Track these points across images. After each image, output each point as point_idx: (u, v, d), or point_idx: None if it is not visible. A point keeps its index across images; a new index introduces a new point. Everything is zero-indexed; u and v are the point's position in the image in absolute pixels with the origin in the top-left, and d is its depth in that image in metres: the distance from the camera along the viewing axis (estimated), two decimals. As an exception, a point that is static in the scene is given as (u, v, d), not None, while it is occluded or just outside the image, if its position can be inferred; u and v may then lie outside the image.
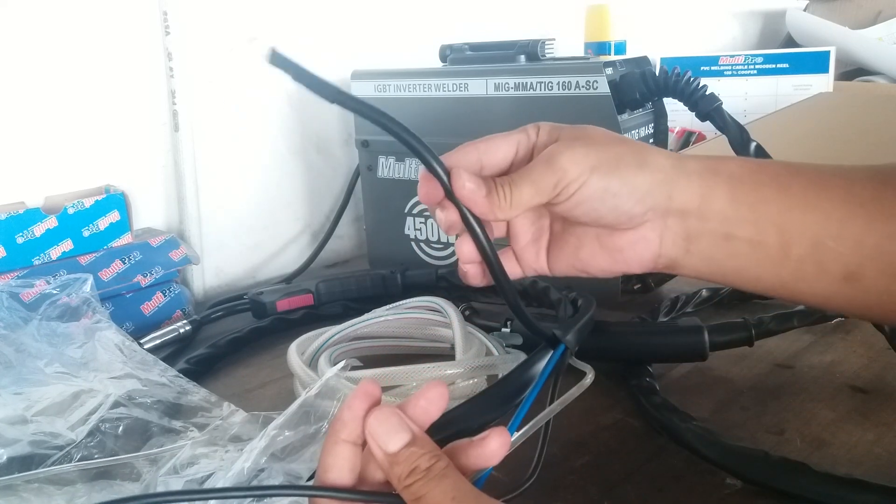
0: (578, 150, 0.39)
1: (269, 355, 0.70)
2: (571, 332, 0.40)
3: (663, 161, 0.40)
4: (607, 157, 0.39)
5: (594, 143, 0.40)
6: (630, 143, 0.41)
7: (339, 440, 0.33)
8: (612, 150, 0.39)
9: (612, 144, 0.40)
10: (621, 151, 0.40)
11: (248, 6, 0.89)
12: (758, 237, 0.39)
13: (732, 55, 1.30)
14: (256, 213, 0.95)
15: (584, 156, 0.39)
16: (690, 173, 0.39)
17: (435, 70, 0.82)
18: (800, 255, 0.38)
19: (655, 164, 0.40)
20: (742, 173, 0.39)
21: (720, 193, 0.39)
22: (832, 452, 0.49)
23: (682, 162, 0.40)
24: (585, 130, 0.41)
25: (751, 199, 0.38)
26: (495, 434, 0.33)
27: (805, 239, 0.38)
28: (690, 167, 0.40)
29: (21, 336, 0.58)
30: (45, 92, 0.76)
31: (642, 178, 0.39)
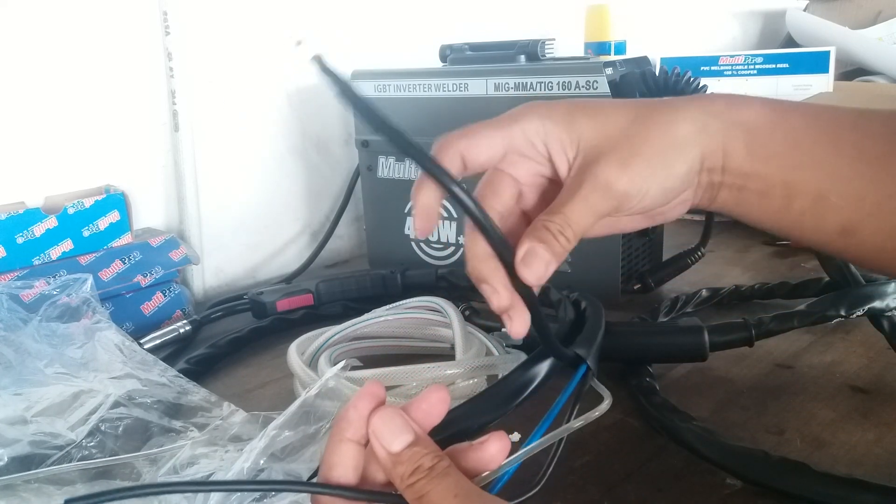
0: (633, 167, 0.37)
1: (269, 355, 0.70)
2: (593, 352, 0.39)
3: (691, 130, 0.39)
4: (654, 157, 0.38)
5: (633, 143, 0.38)
6: (656, 121, 0.39)
7: (343, 439, 0.33)
8: (651, 146, 0.38)
9: (646, 136, 0.38)
10: (657, 141, 0.38)
11: (248, 6, 0.89)
12: (765, 189, 0.39)
13: (732, 55, 1.30)
14: (256, 213, 0.95)
15: (639, 171, 0.37)
16: (714, 132, 0.39)
17: (435, 70, 0.82)
18: (801, 208, 0.39)
19: (688, 139, 0.38)
20: (760, 124, 0.39)
21: (738, 147, 0.39)
22: (832, 452, 0.49)
23: (707, 122, 0.39)
24: (606, 121, 0.38)
25: (763, 153, 0.39)
26: (495, 438, 0.33)
27: (808, 195, 0.38)
28: (714, 127, 0.39)
29: (21, 337, 0.58)
30: (45, 92, 0.76)
31: (683, 162, 0.38)
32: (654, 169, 0.37)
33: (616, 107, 0.39)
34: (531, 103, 0.40)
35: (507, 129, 0.39)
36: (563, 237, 0.36)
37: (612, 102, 0.40)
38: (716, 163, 0.39)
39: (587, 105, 0.39)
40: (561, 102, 0.40)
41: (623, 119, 0.38)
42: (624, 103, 0.40)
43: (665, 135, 0.38)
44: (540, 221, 0.36)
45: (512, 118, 0.39)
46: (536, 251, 0.35)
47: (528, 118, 0.39)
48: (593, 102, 0.40)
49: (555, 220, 0.36)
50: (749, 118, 0.39)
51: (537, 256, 0.35)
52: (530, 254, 0.35)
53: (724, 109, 0.39)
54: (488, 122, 0.39)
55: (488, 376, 0.57)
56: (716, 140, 0.38)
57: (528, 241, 0.35)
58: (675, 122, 0.38)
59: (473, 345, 0.59)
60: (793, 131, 0.38)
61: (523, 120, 0.39)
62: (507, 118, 0.39)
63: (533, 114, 0.39)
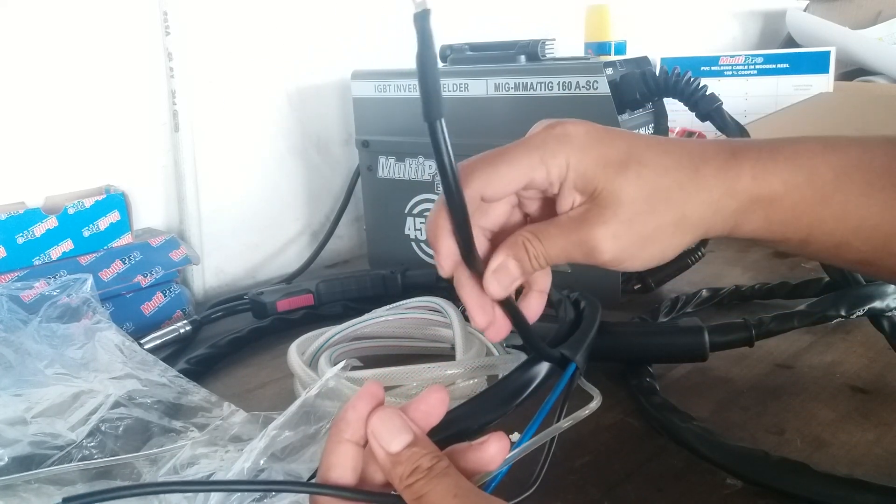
0: (625, 243, 0.36)
1: (269, 355, 0.70)
2: (581, 351, 0.40)
3: (703, 215, 0.37)
4: (650, 237, 0.37)
5: (636, 220, 0.36)
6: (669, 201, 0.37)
7: (342, 440, 0.33)
8: (653, 227, 0.37)
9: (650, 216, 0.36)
10: (660, 222, 0.37)
11: (248, 6, 0.89)
12: (779, 242, 0.39)
13: (732, 55, 1.30)
14: (256, 213, 0.95)
15: (628, 248, 0.37)
16: (729, 214, 0.38)
17: (435, 70, 0.82)
18: (817, 251, 0.39)
19: (694, 223, 0.37)
20: (785, 192, 0.37)
21: (754, 220, 0.38)
22: (832, 452, 0.49)
23: (723, 204, 0.37)
24: (626, 185, 0.36)
25: (783, 220, 0.38)
26: (494, 439, 0.33)
27: (828, 244, 0.38)
28: (730, 208, 0.37)
29: (21, 337, 0.58)
30: (45, 92, 0.76)
31: (680, 243, 0.38)
32: (645, 247, 0.37)
33: (641, 167, 0.37)
34: (559, 130, 0.37)
35: (534, 168, 0.36)
36: (537, 262, 0.37)
37: (642, 156, 0.37)
38: (722, 233, 0.39)
39: (612, 158, 0.37)
40: (591, 144, 0.37)
41: (640, 190, 0.36)
42: (660, 162, 0.37)
43: (671, 218, 0.37)
44: (520, 238, 0.37)
45: (540, 153, 0.36)
46: (508, 266, 0.36)
47: (557, 160, 0.36)
48: (623, 153, 0.37)
49: (533, 245, 0.37)
50: (774, 189, 0.37)
51: (508, 271, 0.36)
52: (501, 269, 0.36)
53: (750, 185, 0.37)
54: (513, 153, 0.37)
55: (488, 376, 0.57)
56: (728, 221, 0.38)
57: (503, 254, 0.36)
58: (687, 204, 0.37)
59: (474, 345, 0.59)
60: (822, 188, 0.37)
61: (551, 161, 0.36)
62: (535, 151, 0.37)
63: (562, 154, 0.37)
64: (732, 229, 0.38)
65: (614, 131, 0.38)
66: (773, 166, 0.37)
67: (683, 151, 0.38)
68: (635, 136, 0.39)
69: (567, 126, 0.37)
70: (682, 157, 0.38)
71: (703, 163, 0.38)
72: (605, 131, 0.38)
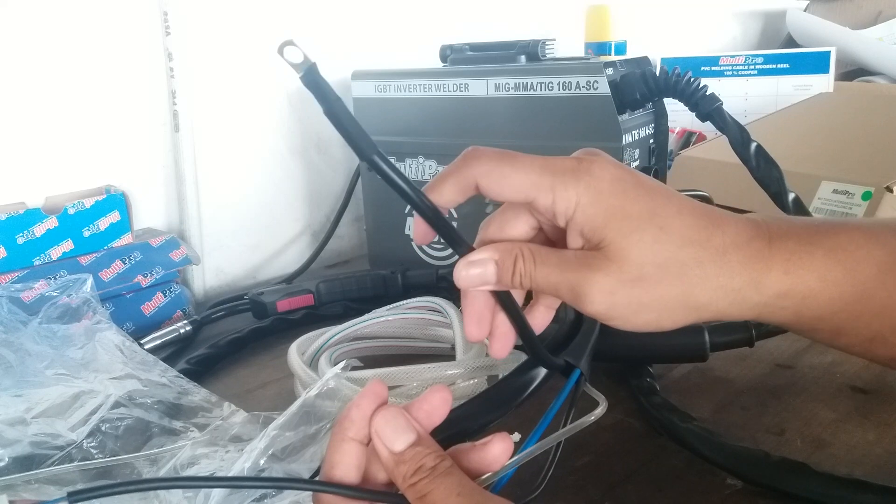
0: (613, 281, 0.34)
1: (269, 355, 0.70)
2: (585, 357, 0.39)
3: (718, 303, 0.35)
4: (646, 297, 0.34)
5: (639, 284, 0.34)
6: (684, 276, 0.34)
7: (346, 438, 0.33)
8: (656, 298, 0.34)
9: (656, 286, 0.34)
10: (665, 296, 0.34)
11: (248, 6, 0.89)
12: (811, 330, 0.37)
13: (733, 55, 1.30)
14: (256, 213, 0.95)
15: (614, 293, 0.34)
16: (752, 306, 0.35)
17: (435, 70, 0.82)
18: (849, 343, 0.38)
19: (706, 308, 0.35)
20: (821, 288, 0.35)
21: (780, 315, 0.36)
22: (832, 452, 0.49)
23: (746, 296, 0.35)
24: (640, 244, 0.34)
25: (818, 313, 0.36)
26: (497, 439, 0.33)
27: (861, 337, 0.37)
28: (753, 300, 0.35)
29: (21, 338, 0.58)
30: (45, 92, 0.76)
31: (683, 320, 0.35)
32: (640, 314, 0.35)
33: (661, 232, 0.34)
34: (585, 167, 0.34)
35: (540, 191, 0.34)
36: (519, 279, 0.35)
37: (665, 221, 0.34)
38: (739, 318, 0.36)
39: (632, 214, 0.34)
40: (611, 192, 0.34)
41: (654, 255, 0.34)
42: (684, 233, 0.34)
43: (677, 294, 0.34)
44: (516, 248, 0.35)
45: (552, 180, 0.34)
46: (486, 265, 0.35)
47: (566, 193, 0.34)
48: (644, 211, 0.34)
49: (525, 263, 0.35)
50: (809, 286, 0.35)
51: (483, 269, 0.35)
52: (479, 264, 0.35)
53: (780, 279, 0.35)
54: (528, 165, 0.34)
55: (489, 377, 0.57)
56: (748, 312, 0.35)
57: (489, 252, 0.35)
58: (701, 286, 0.34)
59: (474, 345, 0.59)
60: (863, 284, 0.35)
61: (560, 192, 0.34)
62: (548, 176, 0.34)
63: (573, 191, 0.34)
64: (755, 318, 0.36)
65: (646, 184, 0.35)
66: (809, 261, 0.35)
67: (716, 227, 0.35)
68: (668, 196, 0.35)
69: (595, 164, 0.34)
70: (712, 234, 0.34)
71: (734, 247, 0.34)
72: (633, 181, 0.35)
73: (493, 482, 0.33)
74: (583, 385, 0.38)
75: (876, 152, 0.95)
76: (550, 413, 0.36)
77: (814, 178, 0.90)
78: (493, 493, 0.33)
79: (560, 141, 0.74)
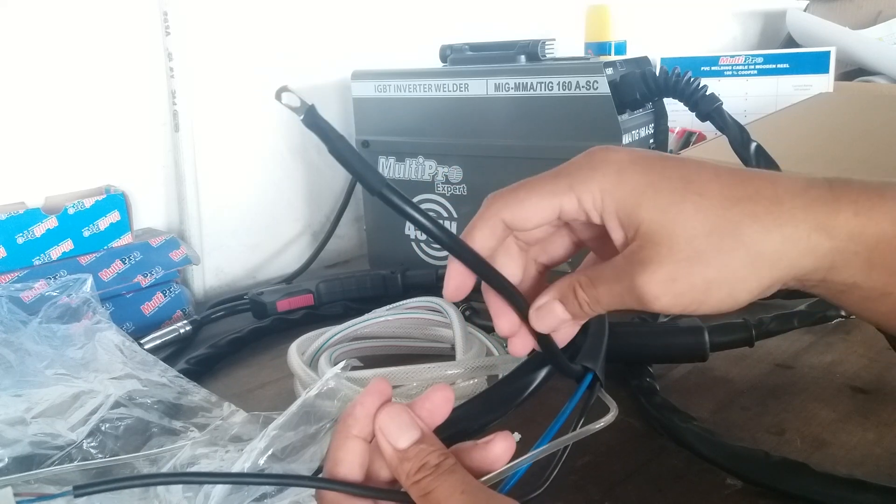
0: (681, 289, 0.32)
1: (269, 355, 0.70)
2: (599, 361, 0.38)
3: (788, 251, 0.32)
4: (715, 282, 0.31)
5: (696, 260, 0.31)
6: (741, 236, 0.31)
7: (350, 435, 0.33)
8: (718, 268, 0.31)
9: (716, 254, 0.31)
10: (730, 262, 0.31)
11: (248, 6, 0.89)
12: (877, 296, 0.33)
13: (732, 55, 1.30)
14: (256, 213, 0.95)
15: (686, 295, 0.32)
16: (825, 253, 0.32)
17: (435, 70, 0.82)
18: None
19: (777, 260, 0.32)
20: (893, 234, 0.32)
21: (854, 263, 0.32)
22: (832, 452, 0.49)
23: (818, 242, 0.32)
24: (678, 217, 0.31)
25: (892, 263, 0.32)
26: (500, 438, 0.33)
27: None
28: (826, 246, 0.31)
29: (21, 338, 0.58)
30: (45, 92, 0.76)
31: (755, 286, 0.32)
32: (710, 292, 0.32)
33: (701, 199, 0.32)
34: (599, 156, 0.33)
35: (560, 195, 0.33)
36: (588, 307, 0.34)
37: (702, 186, 0.32)
38: (813, 277, 0.33)
39: (663, 186, 0.32)
40: (634, 170, 0.33)
41: (700, 224, 0.31)
42: (726, 193, 0.32)
43: (742, 257, 0.31)
44: (574, 281, 0.34)
45: (569, 180, 0.33)
46: (553, 308, 0.35)
47: (587, 185, 0.33)
48: (676, 181, 0.32)
49: (585, 291, 0.34)
50: (882, 228, 0.31)
51: (553, 313, 0.35)
52: (545, 309, 0.35)
53: (850, 221, 0.31)
54: (541, 180, 0.34)
55: (489, 376, 0.57)
56: (821, 262, 0.32)
57: (549, 295, 0.35)
58: (764, 241, 0.31)
59: (474, 345, 0.59)
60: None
61: (581, 186, 0.33)
62: (564, 178, 0.33)
63: (593, 181, 0.33)
64: (826, 274, 0.32)
65: (670, 157, 0.33)
66: (880, 202, 0.32)
67: (762, 180, 0.32)
68: (695, 163, 0.33)
69: (609, 152, 0.33)
70: (760, 187, 0.32)
71: (790, 195, 0.32)
72: (655, 157, 0.33)
73: (503, 481, 0.33)
74: (598, 390, 0.38)
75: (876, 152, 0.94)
76: (563, 415, 0.36)
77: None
78: (503, 492, 0.33)
79: (560, 141, 0.74)
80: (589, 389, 0.38)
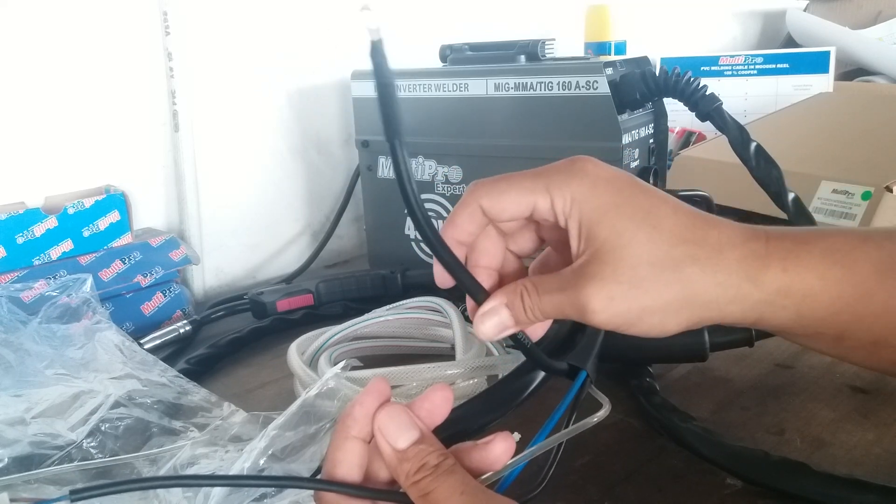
0: (611, 286, 0.33)
1: (269, 355, 0.70)
2: (591, 359, 0.39)
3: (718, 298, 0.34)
4: (647, 300, 0.33)
5: (636, 285, 0.33)
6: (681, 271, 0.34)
7: (349, 436, 0.33)
8: (654, 297, 0.33)
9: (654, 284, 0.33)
10: (666, 295, 0.34)
11: (248, 6, 0.89)
12: (810, 336, 0.37)
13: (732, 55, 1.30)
14: (256, 213, 0.95)
15: (614, 298, 0.33)
16: (753, 304, 0.34)
17: (435, 70, 0.82)
18: (851, 347, 0.37)
19: (708, 305, 0.34)
20: (821, 288, 0.34)
21: (782, 316, 0.35)
22: (832, 452, 0.49)
23: (747, 293, 0.34)
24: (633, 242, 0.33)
25: (820, 314, 0.35)
26: (500, 438, 0.33)
27: (863, 341, 0.36)
28: (754, 297, 0.34)
29: (21, 338, 0.58)
30: (45, 92, 0.76)
31: (686, 321, 0.35)
32: (643, 318, 0.34)
33: (654, 231, 0.34)
34: (578, 165, 0.35)
35: (536, 194, 0.35)
36: (532, 314, 0.35)
37: (659, 220, 0.34)
38: (742, 322, 0.36)
39: (625, 211, 0.34)
40: (606, 188, 0.35)
41: (647, 254, 0.34)
42: (678, 232, 0.34)
43: (677, 293, 0.34)
44: (519, 287, 0.35)
45: (546, 181, 0.35)
46: (500, 312, 0.35)
47: (561, 190, 0.35)
48: (638, 209, 0.34)
49: (530, 297, 0.35)
50: (809, 284, 0.34)
51: (498, 317, 0.35)
52: (492, 312, 0.35)
53: (779, 277, 0.34)
54: (522, 176, 0.36)
55: (488, 376, 0.57)
56: (750, 312, 0.35)
57: (497, 299, 0.35)
58: (699, 283, 0.34)
59: (474, 345, 0.59)
60: (862, 284, 0.35)
61: (555, 190, 0.35)
62: (543, 178, 0.35)
63: (568, 187, 0.35)
64: (756, 320, 0.35)
65: (641, 185, 0.35)
66: (807, 259, 0.34)
67: (710, 227, 0.35)
68: (663, 197, 0.35)
69: (588, 164, 0.35)
70: (707, 233, 0.34)
71: (730, 245, 0.34)
72: (626, 180, 0.35)
73: (499, 481, 0.33)
74: (588, 387, 0.38)
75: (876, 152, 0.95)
76: (556, 414, 0.36)
77: (813, 177, 0.90)
78: (499, 492, 0.33)
79: (560, 141, 0.74)
80: (580, 388, 0.38)
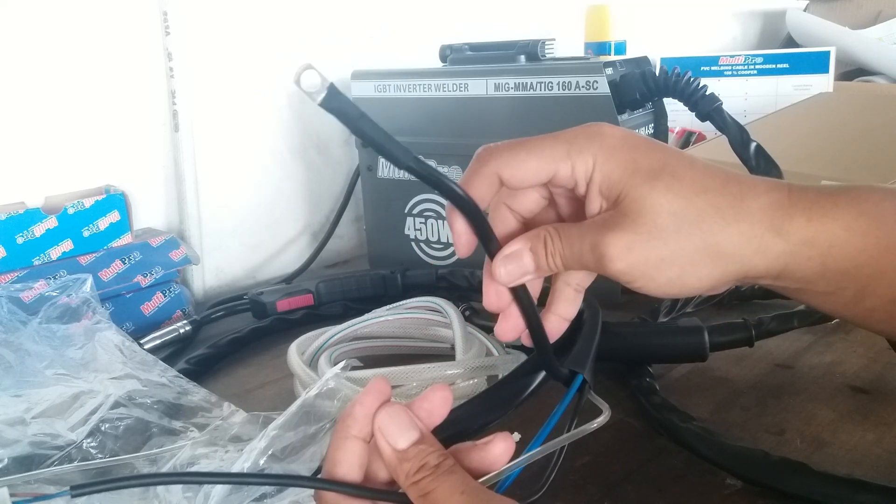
0: (629, 235, 0.33)
1: (269, 355, 0.70)
2: (588, 364, 0.38)
3: (741, 248, 0.34)
4: (665, 250, 0.33)
5: (656, 239, 0.33)
6: (701, 224, 0.33)
7: (349, 435, 0.33)
8: (676, 239, 0.33)
9: (675, 237, 0.33)
10: (686, 248, 0.33)
11: (248, 6, 0.89)
12: (831, 292, 0.35)
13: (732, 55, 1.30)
14: (256, 213, 0.95)
15: (631, 248, 0.33)
16: (777, 255, 0.34)
17: (435, 70, 0.82)
18: (872, 306, 0.35)
19: (730, 256, 0.34)
20: (846, 238, 0.34)
21: (807, 266, 0.34)
22: (832, 452, 0.49)
23: (770, 244, 0.34)
24: (656, 198, 0.33)
25: (840, 268, 0.34)
26: (499, 439, 0.33)
27: (884, 297, 0.35)
28: (777, 248, 0.34)
29: (21, 338, 0.58)
30: (45, 92, 0.76)
31: (707, 277, 0.34)
32: (661, 269, 0.33)
33: (674, 180, 0.33)
34: (595, 129, 0.35)
35: (558, 161, 0.35)
36: (553, 261, 0.35)
37: (678, 170, 0.34)
38: (766, 276, 0.35)
39: (643, 165, 0.34)
40: (623, 147, 0.35)
41: (667, 202, 0.33)
42: (699, 181, 0.34)
43: (698, 243, 0.33)
44: (543, 231, 0.35)
45: (567, 147, 0.35)
46: (523, 256, 0.35)
47: (583, 155, 0.35)
48: (656, 161, 0.34)
49: (553, 242, 0.35)
50: (834, 234, 0.34)
51: (520, 261, 0.35)
52: (515, 256, 0.35)
53: (803, 227, 0.34)
54: (540, 142, 0.35)
55: (488, 377, 0.57)
56: (774, 262, 0.34)
57: (520, 242, 0.35)
58: (722, 233, 0.33)
59: (473, 345, 0.59)
60: (887, 236, 0.34)
61: (577, 155, 0.35)
62: (563, 144, 0.35)
63: (588, 151, 0.35)
64: (780, 273, 0.34)
65: (654, 142, 0.35)
66: (832, 209, 0.34)
67: (731, 177, 0.35)
68: (678, 152, 0.35)
69: (603, 127, 0.35)
70: (727, 182, 0.34)
71: (752, 195, 0.34)
72: (643, 139, 0.35)
73: (499, 482, 0.33)
74: (587, 393, 0.38)
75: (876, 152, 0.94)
76: (553, 419, 0.36)
77: (813, 178, 0.90)
78: (499, 492, 0.33)
79: (560, 141, 0.74)
80: (578, 393, 0.38)
